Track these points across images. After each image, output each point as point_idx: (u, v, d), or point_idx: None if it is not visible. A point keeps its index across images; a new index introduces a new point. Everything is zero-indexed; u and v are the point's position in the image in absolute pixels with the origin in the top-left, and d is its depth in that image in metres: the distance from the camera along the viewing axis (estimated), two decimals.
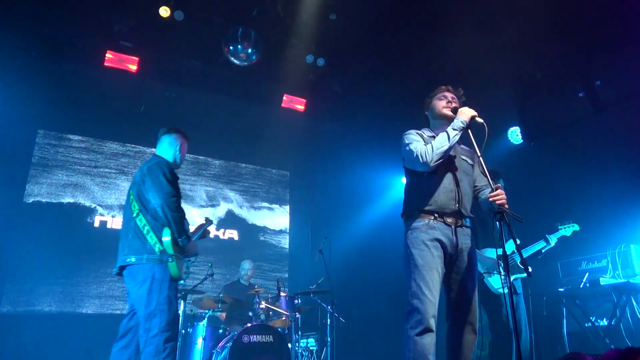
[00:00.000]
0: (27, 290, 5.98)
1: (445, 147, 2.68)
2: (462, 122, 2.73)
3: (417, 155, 2.68)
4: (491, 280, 3.91)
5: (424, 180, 2.77)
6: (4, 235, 5.95)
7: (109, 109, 6.80)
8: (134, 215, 3.19)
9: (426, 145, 2.71)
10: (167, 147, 3.57)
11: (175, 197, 3.15)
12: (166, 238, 3.09)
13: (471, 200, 2.91)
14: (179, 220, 3.13)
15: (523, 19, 4.88)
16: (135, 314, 3.16)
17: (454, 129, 2.72)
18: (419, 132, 2.92)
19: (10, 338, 5.44)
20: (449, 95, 2.95)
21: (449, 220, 2.72)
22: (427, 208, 2.72)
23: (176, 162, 3.54)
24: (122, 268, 3.20)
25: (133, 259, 3.10)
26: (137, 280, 3.09)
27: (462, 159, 2.90)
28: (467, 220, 2.82)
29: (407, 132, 2.90)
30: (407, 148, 2.78)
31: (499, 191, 2.59)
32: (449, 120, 2.87)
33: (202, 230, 3.83)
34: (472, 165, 2.94)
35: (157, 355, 2.88)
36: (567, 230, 4.18)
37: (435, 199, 2.72)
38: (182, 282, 3.18)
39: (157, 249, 3.08)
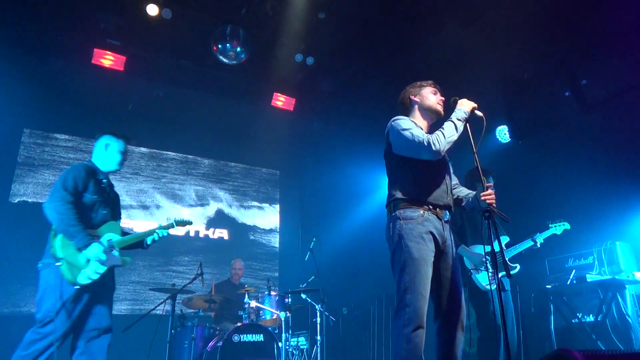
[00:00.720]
0: (13, 291, 5.91)
1: (455, 137, 2.62)
2: (465, 112, 2.69)
3: (427, 142, 2.54)
4: (479, 277, 3.95)
5: (418, 169, 2.67)
6: (1, 239, 5.87)
7: (96, 107, 6.73)
8: None
9: (434, 134, 2.60)
10: (96, 152, 3.48)
11: (62, 200, 3.04)
12: (58, 242, 3.04)
13: None
14: (62, 222, 3.02)
15: (510, 19, 4.93)
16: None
17: (459, 119, 2.66)
18: (412, 119, 2.82)
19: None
20: (439, 94, 2.92)
21: (440, 213, 2.66)
22: (422, 199, 2.63)
23: (107, 165, 3.44)
24: None
25: (39, 264, 3.14)
26: (39, 284, 3.13)
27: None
28: (450, 215, 2.78)
29: (399, 118, 2.77)
30: (407, 133, 2.63)
31: (490, 191, 2.57)
32: (437, 115, 2.86)
33: (146, 234, 3.51)
34: (449, 161, 2.91)
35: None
36: (558, 228, 4.22)
37: (430, 190, 2.65)
38: (76, 286, 3.01)
39: (52, 252, 3.05)
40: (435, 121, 2.91)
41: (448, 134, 2.60)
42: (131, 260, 3.41)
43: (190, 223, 3.84)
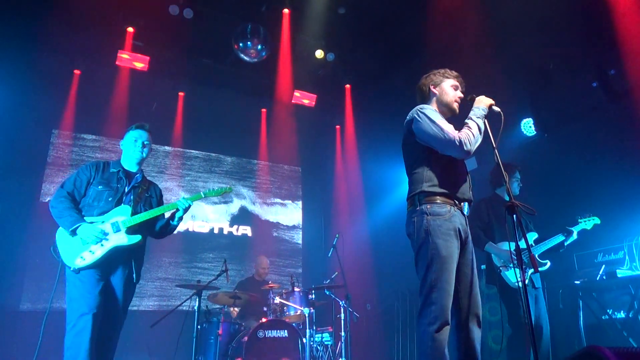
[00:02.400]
0: (45, 288, 6.09)
1: (480, 139, 2.58)
2: (483, 110, 2.63)
3: (459, 141, 2.48)
4: (508, 274, 3.88)
5: (445, 163, 2.59)
6: (22, 234, 6.06)
7: (121, 108, 6.86)
8: None
9: (464, 132, 2.54)
10: (123, 146, 3.49)
11: (56, 197, 3.13)
12: (57, 233, 3.14)
13: None
14: (55, 214, 3.09)
15: (534, 8, 4.82)
16: None
17: (479, 118, 2.60)
18: (435, 109, 2.73)
19: (31, 335, 5.52)
20: (460, 89, 2.83)
21: (463, 208, 2.62)
22: (449, 192, 2.56)
23: (130, 157, 3.41)
24: None
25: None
26: None
27: None
28: (469, 209, 2.73)
29: (425, 107, 2.68)
30: (437, 127, 2.55)
31: None
32: (452, 113, 2.80)
33: (166, 208, 3.40)
34: None
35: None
36: (588, 223, 4.10)
37: (456, 183, 2.60)
38: (76, 266, 2.97)
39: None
40: (449, 117, 2.84)
41: (477, 134, 2.55)
42: (140, 239, 3.22)
43: (227, 191, 3.78)
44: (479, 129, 2.58)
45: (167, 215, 3.49)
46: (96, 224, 3.08)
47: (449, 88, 2.81)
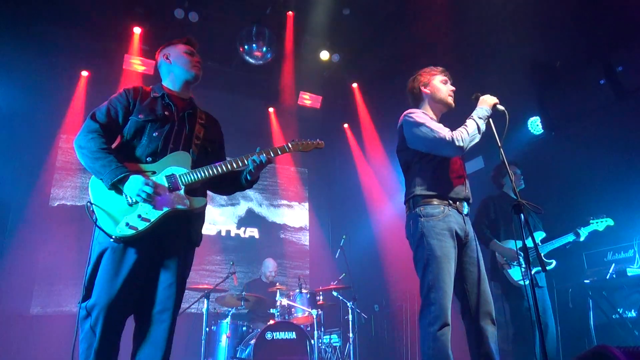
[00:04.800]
0: (55, 292, 6.14)
1: (478, 138, 2.57)
2: (487, 110, 2.62)
3: (451, 138, 2.49)
4: (511, 272, 3.87)
5: (436, 163, 2.62)
6: (32, 239, 6.11)
7: None
8: None
9: (457, 130, 2.54)
10: (162, 73, 2.67)
11: (85, 130, 2.25)
12: (91, 183, 2.24)
13: None
14: (85, 157, 2.21)
15: (541, 5, 4.79)
16: None
17: (480, 118, 2.59)
18: (424, 111, 2.76)
19: (42, 339, 5.59)
20: (449, 81, 2.84)
21: (460, 207, 2.63)
22: (442, 193, 2.58)
23: (178, 77, 2.60)
24: None
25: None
26: None
27: None
28: (469, 208, 2.73)
29: (413, 112, 2.70)
30: (426, 129, 2.57)
31: None
32: (448, 108, 2.80)
33: (237, 161, 2.53)
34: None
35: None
36: (600, 225, 4.06)
37: (449, 184, 2.61)
38: (118, 234, 2.11)
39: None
40: (446, 112, 2.85)
41: (472, 132, 2.54)
42: (205, 202, 2.41)
43: (318, 144, 2.88)
44: (478, 128, 2.58)
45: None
46: (138, 176, 2.20)
47: (439, 84, 2.82)
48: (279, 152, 2.65)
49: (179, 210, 2.27)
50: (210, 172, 2.38)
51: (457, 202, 2.62)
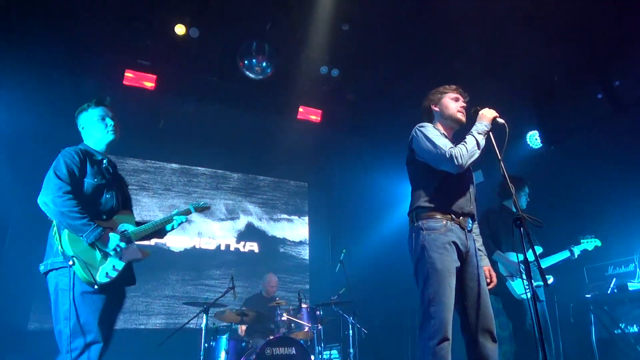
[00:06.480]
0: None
1: (477, 153, 2.59)
2: (486, 125, 2.64)
3: (450, 155, 2.51)
4: (514, 285, 3.84)
5: (441, 178, 2.63)
6: (29, 254, 6.07)
7: (128, 126, 6.90)
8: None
9: (457, 147, 2.56)
10: (83, 135, 3.00)
11: (59, 191, 2.55)
12: (65, 238, 2.56)
13: None
14: (64, 216, 2.53)
15: (538, 21, 4.84)
16: None
17: (480, 133, 2.61)
18: (434, 126, 2.79)
19: (40, 355, 5.53)
20: (462, 99, 2.86)
21: (463, 222, 2.63)
22: (445, 207, 2.59)
23: (99, 140, 2.97)
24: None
25: (42, 267, 2.68)
26: (49, 291, 2.64)
27: None
28: (473, 224, 2.73)
29: (423, 125, 2.75)
30: (430, 143, 2.61)
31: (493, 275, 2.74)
32: (459, 124, 2.82)
33: (164, 222, 3.09)
34: (471, 169, 2.84)
35: None
36: (589, 244, 4.14)
37: (453, 198, 2.62)
38: (96, 286, 2.50)
39: (59, 252, 2.56)
40: (458, 129, 2.87)
41: (470, 149, 2.56)
42: (150, 254, 2.89)
43: (208, 207, 3.46)
44: (477, 144, 2.59)
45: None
46: (115, 234, 2.66)
47: (448, 101, 2.84)
48: (186, 216, 3.22)
49: (135, 261, 2.79)
50: (150, 227, 2.95)
51: (461, 217, 2.62)
